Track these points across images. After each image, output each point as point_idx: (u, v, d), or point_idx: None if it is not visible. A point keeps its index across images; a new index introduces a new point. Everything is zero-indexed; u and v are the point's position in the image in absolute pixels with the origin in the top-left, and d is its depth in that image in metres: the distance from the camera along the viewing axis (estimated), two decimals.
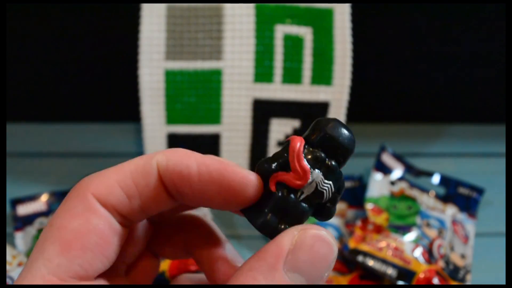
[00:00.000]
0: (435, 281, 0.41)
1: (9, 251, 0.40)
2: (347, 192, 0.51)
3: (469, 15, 0.56)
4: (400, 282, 0.41)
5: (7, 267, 0.38)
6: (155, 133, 0.50)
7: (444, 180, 0.52)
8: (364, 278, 0.43)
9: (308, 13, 0.48)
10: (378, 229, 0.46)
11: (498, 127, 0.60)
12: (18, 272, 0.30)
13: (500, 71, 0.58)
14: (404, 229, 0.46)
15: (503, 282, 0.43)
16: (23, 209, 0.47)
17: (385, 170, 0.52)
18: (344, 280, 0.43)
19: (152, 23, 0.48)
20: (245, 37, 0.48)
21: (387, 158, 0.53)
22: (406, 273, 0.42)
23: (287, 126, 0.50)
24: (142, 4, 0.47)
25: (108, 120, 0.60)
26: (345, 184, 0.51)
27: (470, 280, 0.44)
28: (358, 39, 0.49)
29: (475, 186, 0.51)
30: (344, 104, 0.49)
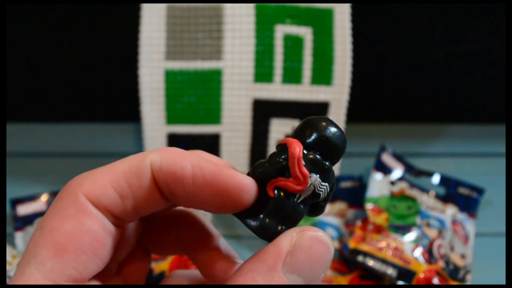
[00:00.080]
0: (435, 281, 0.41)
1: (9, 251, 0.40)
2: (347, 192, 0.51)
3: (469, 15, 0.56)
4: (400, 282, 0.41)
5: (7, 267, 0.38)
6: (155, 133, 0.50)
7: (444, 180, 0.52)
8: (364, 278, 0.43)
9: (308, 13, 0.48)
10: (378, 229, 0.46)
11: (498, 127, 0.60)
12: None
13: (500, 71, 0.58)
14: (404, 229, 0.46)
15: (503, 282, 0.43)
16: (23, 209, 0.47)
17: (385, 170, 0.52)
18: (344, 280, 0.43)
19: (152, 23, 0.48)
20: (245, 37, 0.48)
21: (387, 158, 0.53)
22: (406, 273, 0.42)
23: (287, 126, 0.50)
24: (142, 4, 0.47)
25: (108, 120, 0.60)
26: (345, 184, 0.52)
27: (470, 280, 0.44)
28: (358, 39, 0.49)
29: (475, 186, 0.51)
30: (344, 104, 0.49)
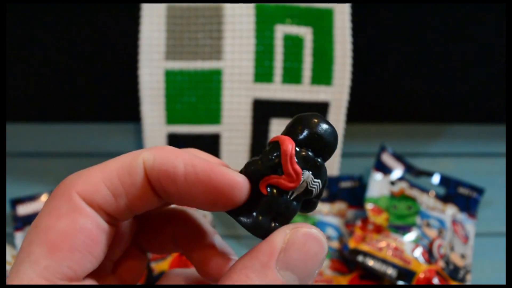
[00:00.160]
0: (435, 281, 0.41)
1: (9, 251, 0.40)
2: (347, 192, 0.51)
3: (469, 15, 0.56)
4: (400, 282, 0.41)
5: (7, 267, 0.38)
6: (155, 133, 0.50)
7: (444, 180, 0.52)
8: (364, 278, 0.43)
9: (308, 13, 0.48)
10: (378, 229, 0.46)
11: (498, 127, 0.60)
12: None
13: (500, 71, 0.58)
14: (404, 229, 0.46)
15: (503, 282, 0.43)
16: (23, 209, 0.47)
17: (385, 170, 0.52)
18: (344, 280, 0.43)
19: (152, 23, 0.48)
20: (245, 37, 0.48)
21: (387, 158, 0.53)
22: (406, 273, 0.42)
23: None
24: (142, 4, 0.47)
25: (108, 120, 0.60)
26: (345, 184, 0.52)
27: (470, 280, 0.44)
28: (358, 39, 0.49)
29: (475, 186, 0.51)
30: (344, 104, 0.49)
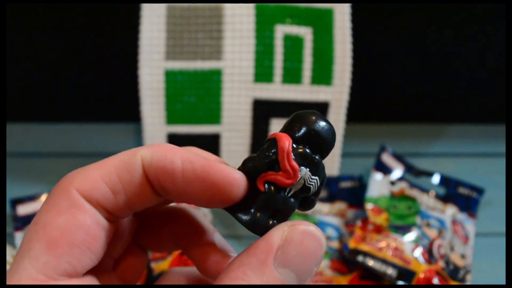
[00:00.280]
0: (435, 281, 0.41)
1: (9, 251, 0.40)
2: (347, 192, 0.51)
3: (469, 15, 0.56)
4: (400, 282, 0.41)
5: (7, 267, 0.38)
6: (155, 133, 0.50)
7: (444, 180, 0.52)
8: (364, 278, 0.43)
9: (308, 13, 0.48)
10: (378, 229, 0.46)
11: (498, 127, 0.60)
12: None
13: (500, 71, 0.58)
14: (404, 229, 0.46)
15: (503, 282, 0.43)
16: (23, 209, 0.47)
17: (385, 170, 0.52)
18: (344, 280, 0.43)
19: (152, 23, 0.48)
20: (245, 37, 0.48)
21: (387, 158, 0.53)
22: (406, 273, 0.42)
23: None
24: (142, 4, 0.47)
25: (108, 120, 0.60)
26: (345, 184, 0.52)
27: (470, 280, 0.44)
28: (358, 39, 0.49)
29: (475, 186, 0.51)
30: (344, 104, 0.49)
